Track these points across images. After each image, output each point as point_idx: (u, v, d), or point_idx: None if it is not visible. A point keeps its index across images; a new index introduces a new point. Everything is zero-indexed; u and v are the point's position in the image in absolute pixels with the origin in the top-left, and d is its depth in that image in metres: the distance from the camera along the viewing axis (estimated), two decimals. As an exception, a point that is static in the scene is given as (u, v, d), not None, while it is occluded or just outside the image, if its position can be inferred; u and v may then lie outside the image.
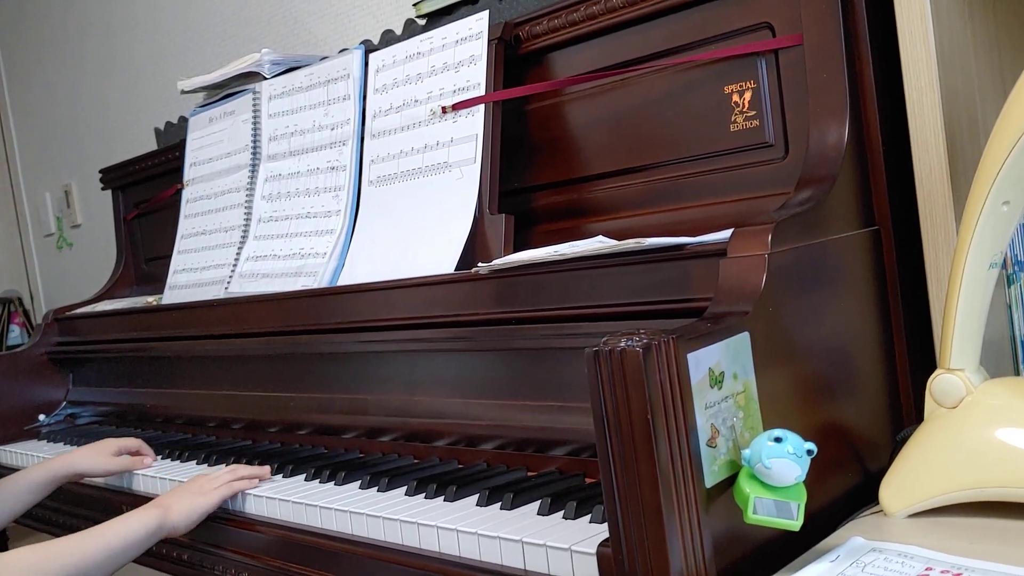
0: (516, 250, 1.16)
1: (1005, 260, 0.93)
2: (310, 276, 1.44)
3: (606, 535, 0.76)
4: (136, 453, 1.50)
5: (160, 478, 1.40)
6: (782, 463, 0.70)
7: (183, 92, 1.85)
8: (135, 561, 1.43)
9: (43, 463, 1.47)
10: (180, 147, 1.89)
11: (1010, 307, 0.94)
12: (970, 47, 0.95)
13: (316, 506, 1.11)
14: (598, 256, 0.97)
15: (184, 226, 1.83)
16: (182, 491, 1.24)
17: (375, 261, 1.35)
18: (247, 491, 1.23)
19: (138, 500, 1.42)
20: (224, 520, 1.24)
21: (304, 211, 1.51)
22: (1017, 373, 0.94)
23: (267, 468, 1.27)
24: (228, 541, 1.24)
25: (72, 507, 1.59)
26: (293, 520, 1.15)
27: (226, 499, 1.23)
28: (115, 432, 1.82)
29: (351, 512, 1.06)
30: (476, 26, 1.28)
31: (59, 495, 1.52)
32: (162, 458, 1.53)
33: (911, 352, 0.95)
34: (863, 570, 0.72)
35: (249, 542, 1.20)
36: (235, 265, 1.63)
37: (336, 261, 1.41)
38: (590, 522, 0.89)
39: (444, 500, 1.03)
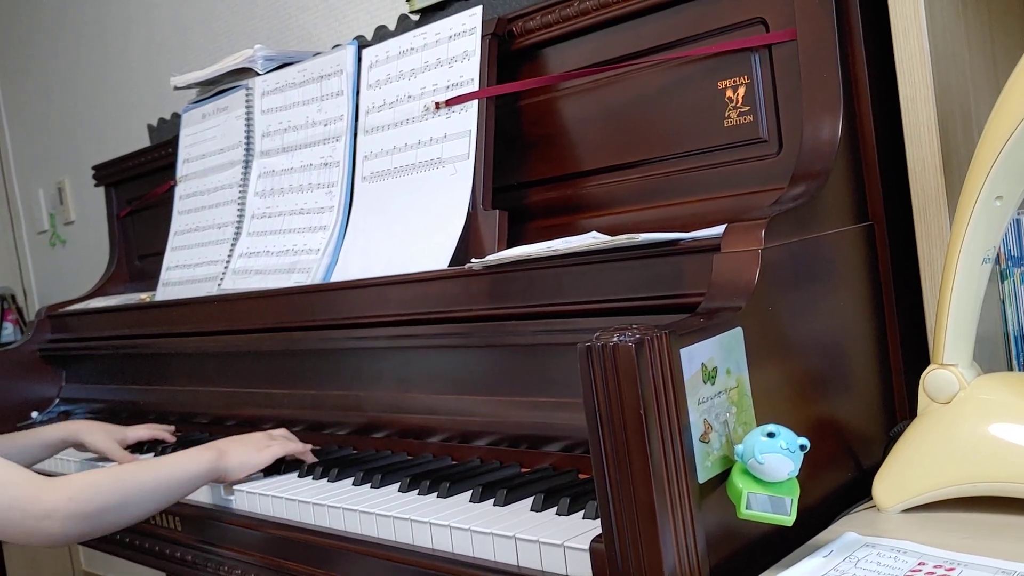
0: (510, 246, 1.15)
1: (999, 255, 0.93)
2: (303, 272, 1.43)
3: (599, 531, 0.76)
4: (151, 439, 1.56)
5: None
6: (775, 458, 0.70)
7: (176, 88, 1.85)
8: (133, 559, 1.43)
9: (59, 424, 1.56)
10: (173, 143, 1.88)
11: (1003, 302, 0.94)
12: (964, 42, 0.95)
13: (309, 503, 1.11)
14: (591, 252, 0.97)
15: (177, 223, 1.82)
16: (239, 442, 1.25)
17: (368, 257, 1.35)
18: (240, 488, 1.22)
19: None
20: (218, 518, 1.23)
21: (297, 207, 1.51)
22: (1010, 368, 0.94)
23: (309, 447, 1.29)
24: (223, 539, 1.23)
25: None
26: (287, 517, 1.14)
27: (278, 456, 1.24)
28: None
29: (344, 509, 1.06)
30: (469, 21, 1.27)
31: None
32: (154, 455, 1.53)
33: (904, 347, 0.95)
34: (856, 565, 0.72)
35: (244, 539, 1.19)
36: (228, 261, 1.63)
37: (329, 257, 1.41)
38: (583, 518, 0.88)
39: (437, 496, 1.03)
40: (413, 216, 1.30)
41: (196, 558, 1.27)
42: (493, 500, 0.98)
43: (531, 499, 0.95)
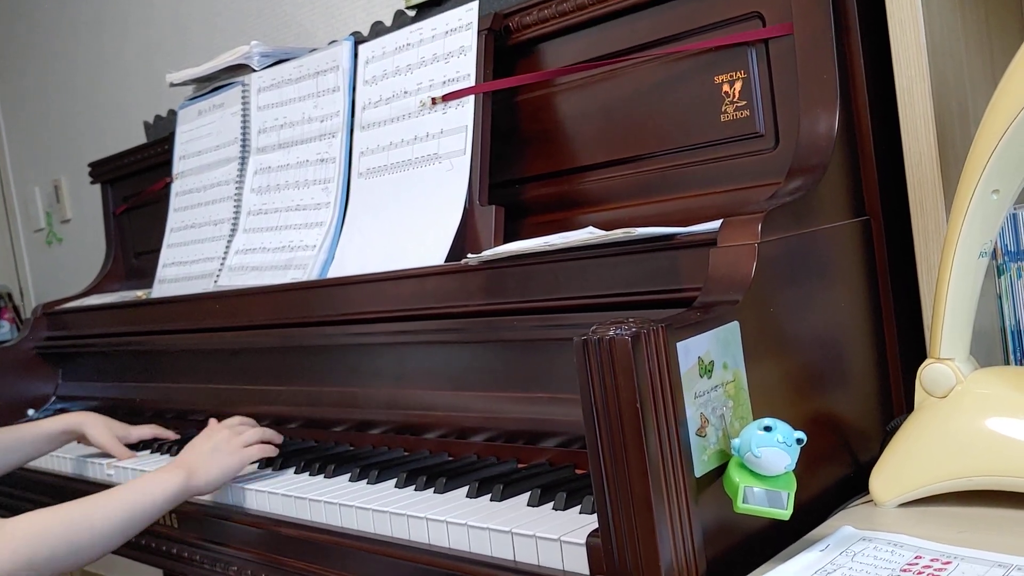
0: (506, 241, 1.15)
1: (995, 250, 0.93)
2: (299, 269, 1.43)
3: (596, 526, 0.76)
4: (153, 439, 1.55)
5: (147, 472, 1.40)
6: (772, 452, 0.70)
7: (172, 85, 1.84)
8: (129, 556, 1.43)
9: (63, 416, 1.53)
10: (169, 140, 1.88)
11: (1000, 297, 0.94)
12: (960, 36, 0.95)
13: (306, 499, 1.11)
14: (588, 247, 0.97)
15: (173, 220, 1.82)
16: (207, 453, 1.18)
17: (364, 253, 1.35)
18: (237, 484, 1.22)
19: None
20: (215, 514, 1.23)
21: (293, 204, 1.50)
22: (1007, 363, 0.94)
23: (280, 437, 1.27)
24: (220, 535, 1.23)
25: (60, 501, 1.58)
26: (283, 513, 1.14)
27: (252, 460, 1.21)
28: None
29: (341, 504, 1.06)
30: (466, 17, 1.27)
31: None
32: (151, 452, 1.53)
33: (901, 341, 0.95)
34: (853, 559, 0.72)
35: (239, 535, 1.19)
36: (224, 258, 1.62)
37: (325, 253, 1.41)
38: (580, 513, 0.88)
39: (434, 492, 1.03)
40: (409, 212, 1.30)
41: (193, 554, 1.27)
42: (490, 496, 0.98)
43: (528, 494, 0.95)
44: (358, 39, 1.47)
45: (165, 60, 2.50)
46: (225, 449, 1.19)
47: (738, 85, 1.05)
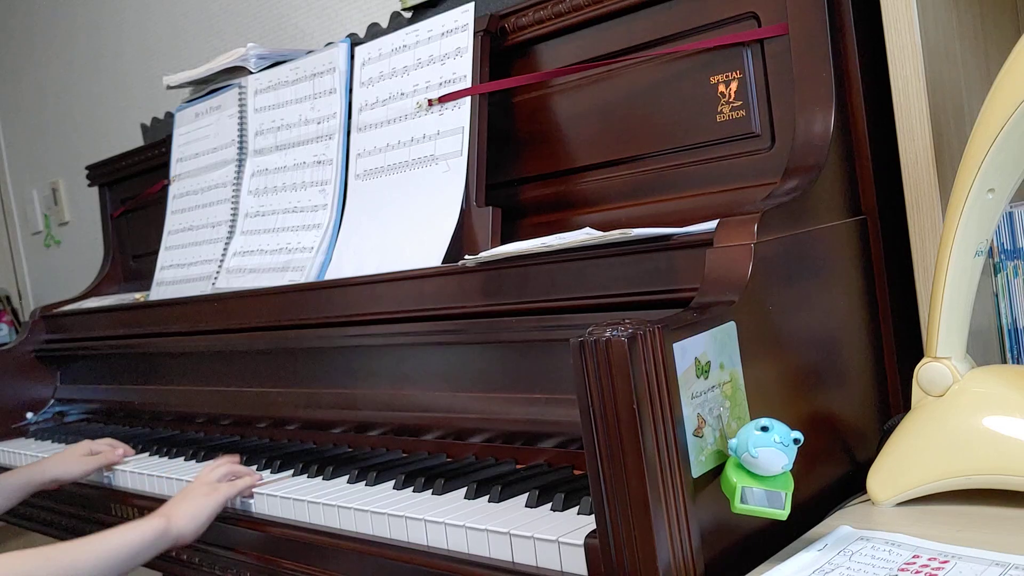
0: (503, 243, 1.15)
1: (992, 248, 0.93)
2: (297, 271, 1.43)
3: (594, 527, 0.76)
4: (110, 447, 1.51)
5: (148, 475, 1.40)
6: (769, 452, 0.70)
7: (169, 87, 1.84)
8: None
9: (19, 470, 1.50)
10: (167, 143, 1.88)
11: (996, 295, 0.94)
12: (955, 35, 0.95)
13: (304, 501, 1.11)
14: (585, 247, 0.97)
15: (171, 222, 1.82)
16: (184, 499, 1.18)
17: (362, 255, 1.35)
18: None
19: (125, 497, 1.42)
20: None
21: (291, 205, 1.50)
22: (1003, 361, 0.95)
23: (260, 474, 1.25)
24: (216, 537, 1.23)
25: (60, 504, 1.58)
26: (281, 515, 1.14)
27: (231, 498, 1.18)
28: (103, 430, 1.81)
29: (339, 507, 1.06)
30: (462, 18, 1.27)
31: (46, 493, 1.52)
32: (150, 455, 1.53)
33: (898, 341, 0.96)
34: (851, 559, 0.72)
35: (240, 538, 1.19)
36: (222, 260, 1.62)
37: (323, 255, 1.41)
38: (578, 514, 0.88)
39: (432, 493, 1.03)
40: (406, 213, 1.30)
41: (192, 557, 1.27)
42: (488, 497, 0.98)
43: (526, 495, 0.95)
44: (354, 41, 1.47)
45: (162, 62, 2.51)
46: (198, 491, 1.18)
47: (734, 85, 1.05)
